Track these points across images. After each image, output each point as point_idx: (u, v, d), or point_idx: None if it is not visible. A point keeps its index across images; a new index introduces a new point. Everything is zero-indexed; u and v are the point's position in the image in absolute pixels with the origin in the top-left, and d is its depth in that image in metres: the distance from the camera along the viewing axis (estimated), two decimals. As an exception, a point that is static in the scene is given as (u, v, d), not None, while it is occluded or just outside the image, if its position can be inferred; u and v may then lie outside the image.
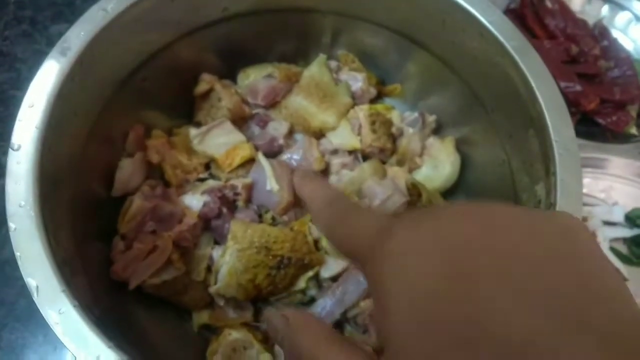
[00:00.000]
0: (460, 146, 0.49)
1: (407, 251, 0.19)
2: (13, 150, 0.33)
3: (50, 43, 0.61)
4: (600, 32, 0.69)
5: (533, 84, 0.37)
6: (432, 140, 0.49)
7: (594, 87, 0.62)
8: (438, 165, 0.48)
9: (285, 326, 0.23)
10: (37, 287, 0.29)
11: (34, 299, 0.29)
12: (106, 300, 0.38)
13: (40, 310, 0.29)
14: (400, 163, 0.48)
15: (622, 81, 0.65)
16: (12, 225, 0.31)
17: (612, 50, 0.67)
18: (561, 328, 0.16)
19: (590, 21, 0.70)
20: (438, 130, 0.51)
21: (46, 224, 0.32)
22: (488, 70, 0.41)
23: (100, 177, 0.43)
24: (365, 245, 0.22)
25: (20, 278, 0.30)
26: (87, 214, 0.40)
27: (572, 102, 0.61)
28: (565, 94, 0.60)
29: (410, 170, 0.48)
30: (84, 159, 0.40)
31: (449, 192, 0.49)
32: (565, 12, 0.68)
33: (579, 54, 0.65)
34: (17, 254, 0.31)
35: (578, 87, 0.61)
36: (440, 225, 0.20)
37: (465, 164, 0.48)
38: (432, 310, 0.18)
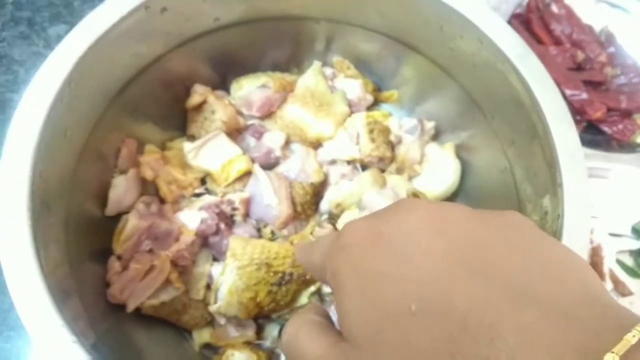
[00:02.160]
0: (460, 152, 0.48)
1: (355, 242, 0.21)
2: (1, 175, 0.32)
3: (48, 45, 0.61)
4: (607, 39, 0.67)
5: (535, 91, 0.36)
6: (431, 147, 0.48)
7: (600, 95, 0.61)
8: (438, 172, 0.47)
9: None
10: (28, 317, 0.28)
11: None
12: (103, 324, 0.37)
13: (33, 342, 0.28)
14: (399, 171, 0.47)
15: (629, 89, 0.63)
16: (1, 250, 0.30)
17: (618, 57, 0.66)
18: (504, 299, 0.16)
19: (597, 27, 0.68)
20: (437, 136, 0.50)
21: (37, 248, 0.31)
22: (487, 76, 0.41)
23: (93, 196, 0.42)
24: (326, 252, 0.23)
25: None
26: (81, 235, 0.39)
27: (578, 111, 0.59)
28: (570, 102, 0.59)
29: (410, 178, 0.47)
30: (75, 179, 0.39)
31: (450, 199, 0.48)
32: (572, 17, 0.67)
33: (585, 61, 0.64)
34: (7, 278, 0.29)
35: (584, 95, 0.59)
36: (390, 218, 0.21)
37: (465, 171, 0.48)
38: (377, 292, 0.19)
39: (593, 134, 0.61)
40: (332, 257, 0.21)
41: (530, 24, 0.66)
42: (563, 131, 0.34)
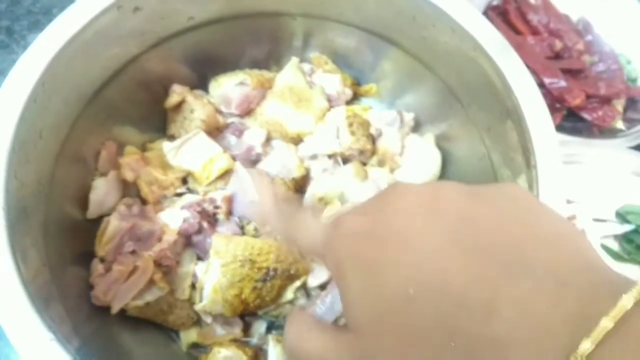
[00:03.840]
0: (440, 142, 0.48)
1: (353, 231, 0.21)
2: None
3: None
4: (584, 27, 0.68)
5: (507, 76, 0.36)
6: (411, 138, 0.48)
7: (579, 82, 0.62)
8: (419, 163, 0.47)
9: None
10: (7, 321, 0.28)
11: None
12: (87, 327, 0.37)
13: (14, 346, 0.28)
14: (381, 163, 0.47)
15: (607, 76, 0.64)
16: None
17: (596, 44, 0.67)
18: (499, 273, 0.17)
19: (574, 17, 0.69)
20: (417, 128, 0.50)
21: (15, 253, 0.31)
22: (462, 64, 0.41)
23: (73, 199, 0.41)
24: (322, 237, 0.23)
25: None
26: (62, 239, 0.39)
27: (557, 99, 0.60)
28: (550, 90, 0.59)
29: (392, 170, 0.47)
30: (54, 182, 0.38)
31: (432, 189, 0.48)
32: (548, 7, 0.67)
33: (563, 50, 0.64)
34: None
35: (562, 83, 0.60)
36: (385, 204, 0.21)
37: (446, 160, 0.48)
38: (376, 280, 0.19)
39: (573, 122, 0.61)
40: (332, 247, 0.22)
41: (508, 15, 0.67)
42: (535, 112, 0.34)
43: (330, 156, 0.46)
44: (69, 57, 0.36)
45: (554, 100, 0.60)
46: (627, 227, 0.56)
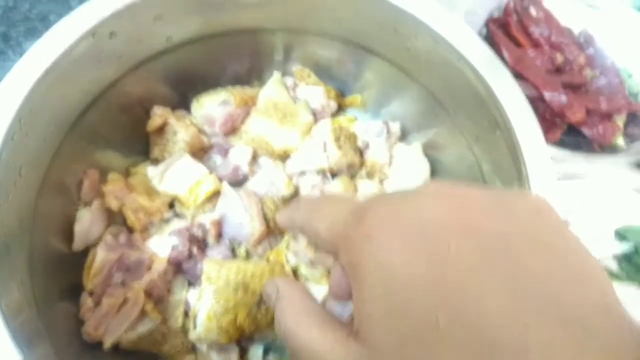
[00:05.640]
0: (427, 151, 0.48)
1: (382, 235, 0.19)
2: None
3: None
4: (586, 40, 0.67)
5: (493, 87, 0.36)
6: (399, 148, 0.48)
7: (579, 97, 0.60)
8: (408, 173, 0.47)
9: (275, 295, 0.24)
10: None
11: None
12: (79, 365, 0.36)
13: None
14: (370, 175, 0.47)
15: (609, 90, 0.63)
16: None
17: (597, 58, 0.66)
18: (531, 311, 0.16)
19: (576, 29, 0.68)
20: (404, 137, 0.50)
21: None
22: (446, 73, 0.41)
23: (58, 232, 0.40)
24: (341, 231, 0.21)
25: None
26: (48, 273, 0.38)
27: (558, 114, 0.59)
28: (550, 105, 0.58)
29: (381, 181, 0.47)
30: (37, 216, 0.37)
31: (422, 198, 0.48)
32: (550, 20, 0.67)
33: (564, 63, 0.63)
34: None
35: (563, 98, 0.59)
36: (417, 208, 0.20)
37: (434, 169, 0.48)
38: (405, 298, 0.18)
39: (574, 136, 0.60)
40: (352, 244, 0.20)
41: (509, 27, 0.66)
42: (524, 123, 0.34)
43: (318, 172, 0.46)
44: (45, 90, 0.35)
45: (554, 116, 0.59)
46: (627, 247, 0.54)
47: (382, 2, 0.39)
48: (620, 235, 0.55)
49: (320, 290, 0.41)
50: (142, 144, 0.47)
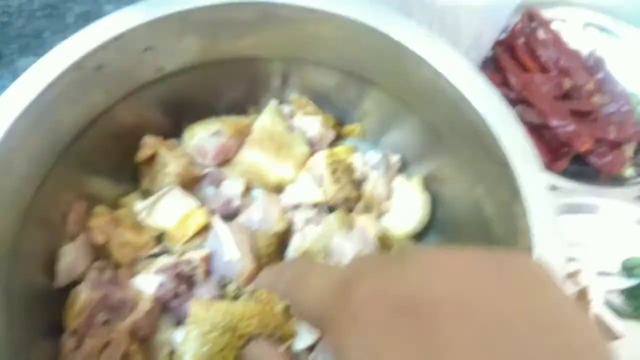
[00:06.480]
0: (429, 183, 0.46)
1: (368, 315, 0.18)
2: None
3: (17, 78, 0.58)
4: (596, 63, 0.65)
5: (491, 125, 0.34)
6: (398, 181, 0.46)
7: (587, 125, 0.58)
8: (407, 207, 0.45)
9: None
10: None
11: None
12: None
13: None
14: (367, 209, 0.45)
15: (618, 118, 0.60)
16: None
17: (607, 83, 0.63)
18: None
19: (585, 53, 0.66)
20: (404, 168, 0.48)
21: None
22: (446, 108, 0.39)
23: (39, 267, 0.39)
24: (326, 311, 0.20)
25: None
26: (28, 311, 0.36)
27: (564, 143, 0.57)
28: (557, 134, 0.56)
29: (379, 216, 0.45)
30: (18, 250, 0.36)
31: (423, 234, 0.46)
32: (559, 43, 0.65)
33: (573, 89, 0.61)
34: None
35: (571, 127, 0.57)
36: (407, 282, 0.19)
37: (435, 202, 0.46)
38: None
39: (581, 165, 0.58)
40: (337, 324, 0.19)
41: (516, 50, 0.64)
42: (524, 163, 0.32)
43: (313, 205, 0.44)
44: (30, 124, 0.34)
45: (560, 144, 0.57)
46: (633, 282, 0.52)
47: (382, 36, 0.37)
48: (627, 270, 0.53)
49: (313, 333, 0.39)
50: (132, 172, 0.46)
